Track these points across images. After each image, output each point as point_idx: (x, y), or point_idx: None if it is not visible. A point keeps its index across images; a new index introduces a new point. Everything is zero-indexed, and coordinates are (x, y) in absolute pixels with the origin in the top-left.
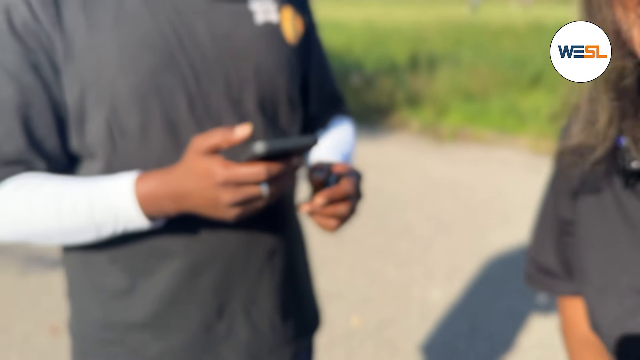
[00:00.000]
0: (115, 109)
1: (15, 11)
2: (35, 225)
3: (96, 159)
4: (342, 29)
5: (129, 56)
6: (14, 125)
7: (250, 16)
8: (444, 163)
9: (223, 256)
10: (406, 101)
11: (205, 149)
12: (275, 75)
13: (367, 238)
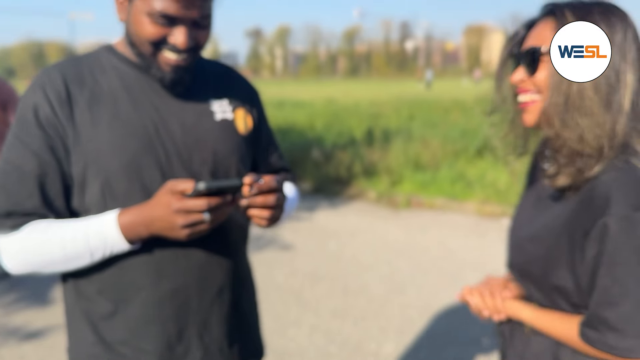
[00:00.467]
0: (108, 180)
1: (41, 108)
2: (46, 257)
3: (90, 214)
4: (305, 107)
5: (120, 143)
6: (34, 189)
7: (211, 114)
8: (398, 228)
9: (182, 291)
10: (363, 172)
11: (174, 190)
12: (227, 157)
13: (328, 299)
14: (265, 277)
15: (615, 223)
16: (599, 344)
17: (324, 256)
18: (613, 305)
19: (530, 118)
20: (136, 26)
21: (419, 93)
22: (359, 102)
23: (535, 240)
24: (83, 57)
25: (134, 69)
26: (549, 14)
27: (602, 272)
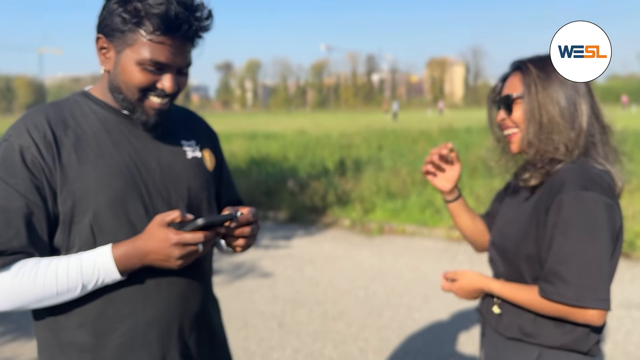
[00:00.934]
0: (96, 215)
1: (27, 150)
2: (37, 293)
3: (76, 248)
4: (277, 138)
5: (106, 181)
6: (21, 227)
7: (183, 153)
8: (373, 254)
9: (165, 316)
10: (337, 201)
11: (165, 222)
12: (200, 192)
13: (308, 323)
14: (247, 304)
15: (568, 198)
16: (553, 294)
17: (303, 282)
18: (564, 262)
19: (515, 146)
20: (125, 75)
21: (387, 124)
22: (329, 133)
23: (513, 222)
24: (62, 102)
25: (112, 113)
26: (517, 69)
27: (557, 235)
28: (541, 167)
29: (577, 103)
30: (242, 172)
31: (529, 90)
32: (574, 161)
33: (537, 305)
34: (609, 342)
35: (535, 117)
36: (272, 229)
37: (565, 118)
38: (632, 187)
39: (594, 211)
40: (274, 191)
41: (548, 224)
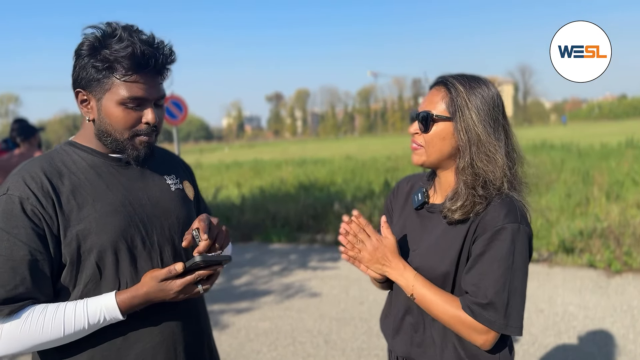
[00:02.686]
0: (100, 253)
1: (27, 201)
2: (45, 337)
3: (81, 286)
4: (325, 164)
5: (105, 221)
6: (26, 275)
7: (168, 187)
8: None
9: (170, 338)
10: None
11: (159, 279)
12: (186, 220)
13: (354, 340)
14: (295, 322)
15: (507, 232)
16: (482, 318)
17: (349, 301)
18: (499, 292)
19: (417, 159)
20: (110, 118)
21: None
22: (375, 157)
23: (434, 247)
24: (52, 153)
25: (101, 157)
26: (440, 83)
27: (491, 265)
28: (481, 195)
29: (502, 127)
30: (291, 197)
31: (462, 112)
32: (503, 194)
33: (449, 315)
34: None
35: (473, 139)
36: (319, 251)
37: (497, 142)
38: None
39: (525, 245)
40: (321, 214)
41: (473, 252)
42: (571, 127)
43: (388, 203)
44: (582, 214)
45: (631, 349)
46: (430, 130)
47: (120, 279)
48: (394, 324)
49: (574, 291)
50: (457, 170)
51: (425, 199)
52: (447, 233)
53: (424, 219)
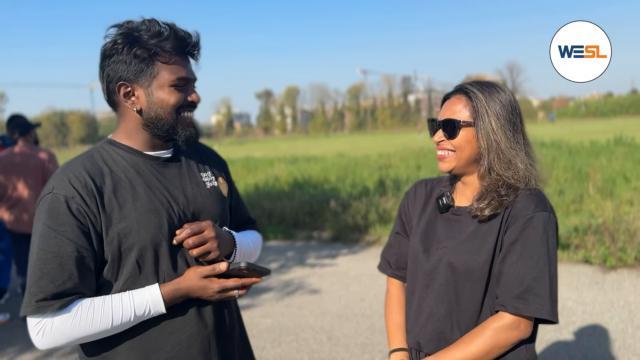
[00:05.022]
0: (140, 251)
1: (72, 200)
2: (94, 329)
3: (121, 281)
4: (317, 161)
5: (145, 219)
6: (73, 270)
7: (203, 184)
8: None
9: (204, 331)
10: (378, 220)
11: (202, 275)
12: (221, 217)
13: (357, 336)
14: (297, 318)
15: (536, 221)
16: (530, 310)
17: (349, 298)
18: (537, 279)
19: (446, 166)
20: (162, 101)
21: (424, 143)
22: (368, 154)
23: (469, 242)
24: (93, 152)
25: (139, 156)
26: (460, 91)
27: (525, 255)
28: (505, 194)
29: (520, 130)
30: (285, 195)
31: (482, 119)
32: (529, 188)
33: (485, 348)
34: None
35: (492, 145)
36: (317, 248)
37: (516, 146)
38: None
39: (555, 233)
40: (317, 212)
41: (506, 241)
42: (559, 124)
43: (404, 208)
44: (577, 210)
45: (630, 343)
46: (458, 136)
47: (159, 275)
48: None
49: (572, 287)
50: (479, 175)
51: (450, 203)
52: (479, 229)
53: (450, 222)
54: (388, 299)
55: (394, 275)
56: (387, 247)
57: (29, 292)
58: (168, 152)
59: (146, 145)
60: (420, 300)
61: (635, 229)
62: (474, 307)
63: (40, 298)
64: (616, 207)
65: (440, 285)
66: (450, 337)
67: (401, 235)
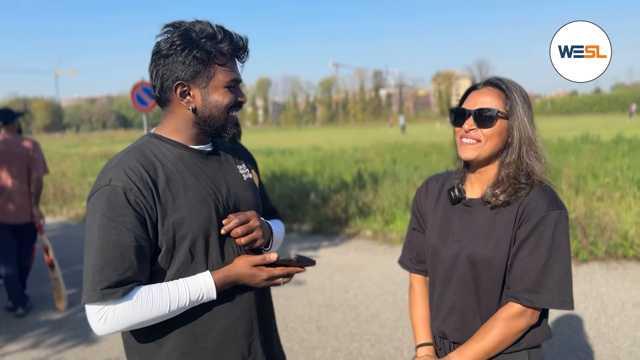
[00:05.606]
0: (193, 239)
1: (130, 192)
2: (153, 314)
3: (174, 269)
4: (293, 154)
5: (196, 210)
6: (133, 259)
7: (241, 176)
8: (396, 262)
9: (247, 313)
10: (358, 213)
11: (252, 264)
12: (258, 207)
13: (344, 325)
14: (285, 308)
15: (550, 218)
16: (541, 302)
17: (334, 289)
18: (547, 273)
19: (470, 154)
20: (216, 101)
21: (397, 138)
22: (343, 148)
23: (485, 236)
24: (141, 146)
25: (185, 149)
26: (492, 84)
27: (539, 250)
28: (525, 183)
29: (535, 128)
30: (264, 187)
31: (517, 112)
32: (541, 183)
33: (498, 340)
34: (627, 339)
35: (524, 137)
36: (297, 240)
37: (538, 139)
38: None
39: (566, 228)
40: (297, 204)
41: (519, 237)
42: None
43: (417, 204)
44: None
45: (604, 332)
46: (493, 126)
47: (208, 264)
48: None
49: None
50: (501, 164)
51: (462, 194)
52: (493, 222)
53: (462, 213)
54: (412, 295)
55: (415, 270)
56: (407, 243)
57: (92, 280)
58: (209, 145)
59: (192, 139)
60: (441, 292)
61: (606, 224)
62: (494, 297)
63: (104, 286)
64: (587, 203)
65: (460, 279)
66: (473, 325)
67: (417, 231)
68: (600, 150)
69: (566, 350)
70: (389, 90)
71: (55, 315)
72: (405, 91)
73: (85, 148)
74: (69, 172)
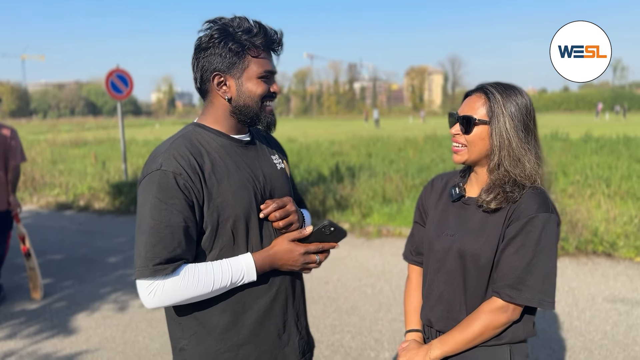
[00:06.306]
0: (235, 222)
1: (180, 176)
2: (198, 290)
3: (217, 249)
4: None
5: (238, 195)
6: (182, 239)
7: (275, 165)
8: (374, 255)
9: (283, 292)
10: (336, 206)
11: (289, 239)
12: (289, 193)
13: (325, 317)
14: None
15: (538, 220)
16: (521, 299)
17: (314, 281)
18: (531, 272)
19: (458, 158)
20: (250, 91)
21: (371, 131)
22: (318, 141)
23: (476, 232)
24: (188, 134)
25: (227, 139)
26: (480, 90)
27: (524, 249)
28: (510, 191)
29: (532, 132)
30: None
31: (497, 118)
32: (535, 187)
33: (478, 332)
34: (598, 332)
35: (504, 144)
36: None
37: (526, 146)
38: (611, 191)
39: (554, 231)
40: None
41: (507, 235)
42: None
43: (421, 200)
44: None
45: (576, 325)
46: (472, 132)
47: (249, 245)
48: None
49: None
50: (488, 169)
51: (462, 193)
52: (485, 220)
53: (460, 210)
54: (407, 284)
55: (414, 262)
56: (409, 236)
57: (144, 257)
58: (247, 135)
59: (232, 129)
60: (431, 282)
61: (576, 221)
62: (480, 290)
63: (156, 262)
64: (558, 200)
65: (450, 270)
66: (458, 316)
67: (419, 224)
68: (570, 148)
69: (540, 342)
70: (363, 84)
71: (31, 305)
72: (379, 85)
73: (54, 135)
74: (39, 160)
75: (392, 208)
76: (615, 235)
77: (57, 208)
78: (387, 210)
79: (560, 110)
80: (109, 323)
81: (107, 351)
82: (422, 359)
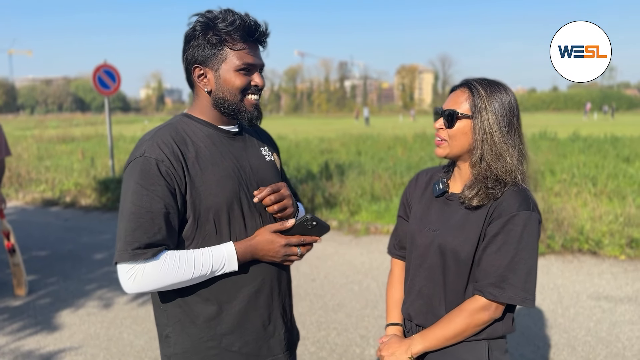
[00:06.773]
0: (217, 211)
1: (162, 163)
2: (178, 277)
3: (201, 237)
4: None
5: (222, 184)
6: (162, 225)
7: (264, 157)
8: (361, 252)
9: (268, 283)
10: (324, 204)
11: (272, 230)
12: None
13: (311, 314)
14: None
15: (519, 218)
16: (504, 297)
17: (300, 278)
18: (513, 270)
19: (441, 152)
20: (228, 84)
21: (361, 129)
22: (308, 138)
23: (457, 229)
24: (175, 123)
25: (213, 129)
26: (466, 87)
27: (506, 247)
28: (492, 187)
29: (516, 129)
30: None
31: (480, 113)
32: (517, 185)
33: (461, 329)
34: (582, 329)
35: (487, 138)
36: None
37: (509, 142)
38: (598, 190)
39: (535, 229)
40: None
41: (489, 233)
42: None
43: (406, 194)
44: None
45: (561, 322)
46: (454, 127)
47: (232, 236)
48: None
49: None
50: (470, 163)
51: (445, 188)
52: (467, 217)
53: (443, 206)
54: (390, 278)
55: (397, 256)
56: (394, 230)
57: (124, 242)
58: (235, 127)
59: (218, 120)
60: (412, 277)
61: (563, 219)
62: (460, 286)
63: (135, 247)
64: (545, 198)
65: (430, 266)
66: (437, 311)
67: (402, 219)
68: (558, 147)
69: (525, 339)
70: (354, 82)
71: (14, 302)
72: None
73: (41, 131)
74: (25, 155)
75: (380, 206)
76: (601, 234)
77: (43, 204)
78: (375, 208)
79: (550, 109)
80: (94, 320)
81: (91, 348)
82: (403, 353)
